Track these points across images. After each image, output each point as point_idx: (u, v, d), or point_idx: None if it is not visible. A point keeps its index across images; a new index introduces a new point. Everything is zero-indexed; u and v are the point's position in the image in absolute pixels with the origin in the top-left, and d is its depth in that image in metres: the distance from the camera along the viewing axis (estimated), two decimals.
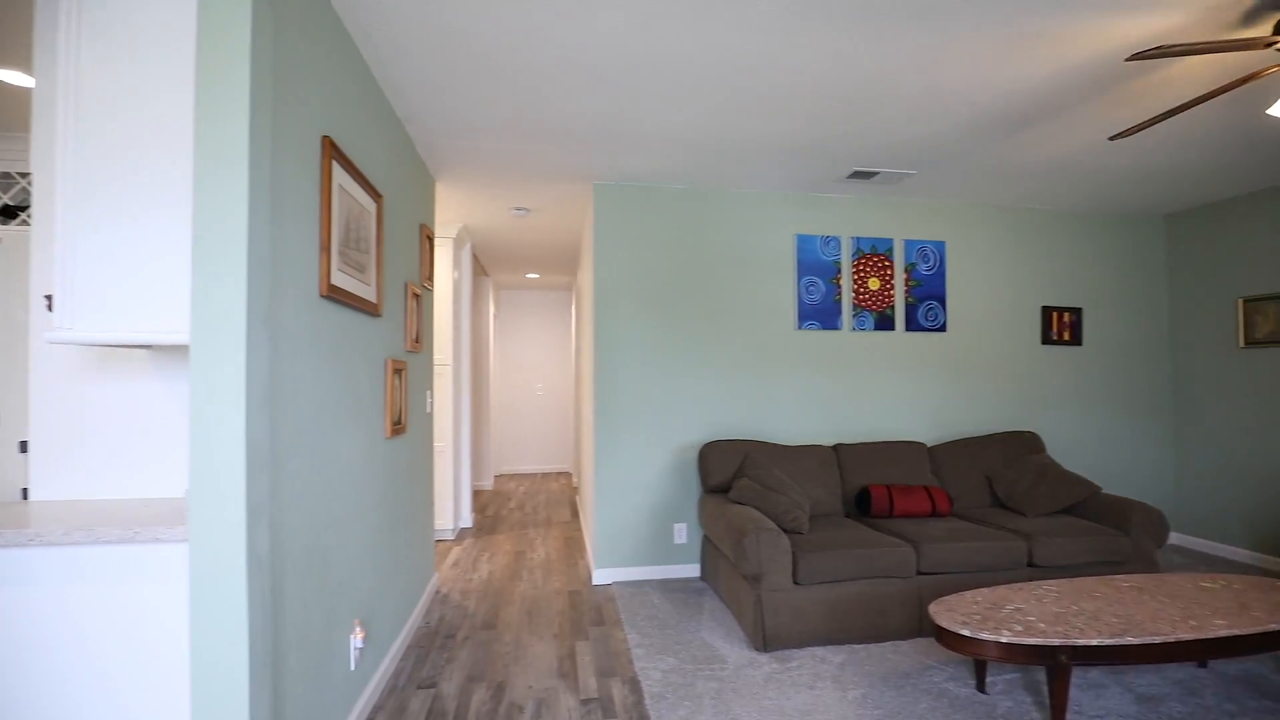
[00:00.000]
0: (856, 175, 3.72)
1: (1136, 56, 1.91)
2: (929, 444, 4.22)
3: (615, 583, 3.82)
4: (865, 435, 4.17)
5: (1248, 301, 4.12)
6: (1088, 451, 4.51)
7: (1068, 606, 2.34)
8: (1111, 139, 2.61)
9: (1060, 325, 4.47)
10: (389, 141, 2.71)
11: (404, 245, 2.98)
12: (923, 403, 4.25)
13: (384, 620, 2.58)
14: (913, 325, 4.22)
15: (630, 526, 3.89)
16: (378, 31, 2.18)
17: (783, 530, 3.03)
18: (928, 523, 3.36)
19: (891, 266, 4.19)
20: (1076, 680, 2.52)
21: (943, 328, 4.26)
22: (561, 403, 8.42)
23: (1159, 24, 2.14)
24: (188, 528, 1.41)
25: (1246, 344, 4.13)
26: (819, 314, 4.09)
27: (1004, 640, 2.10)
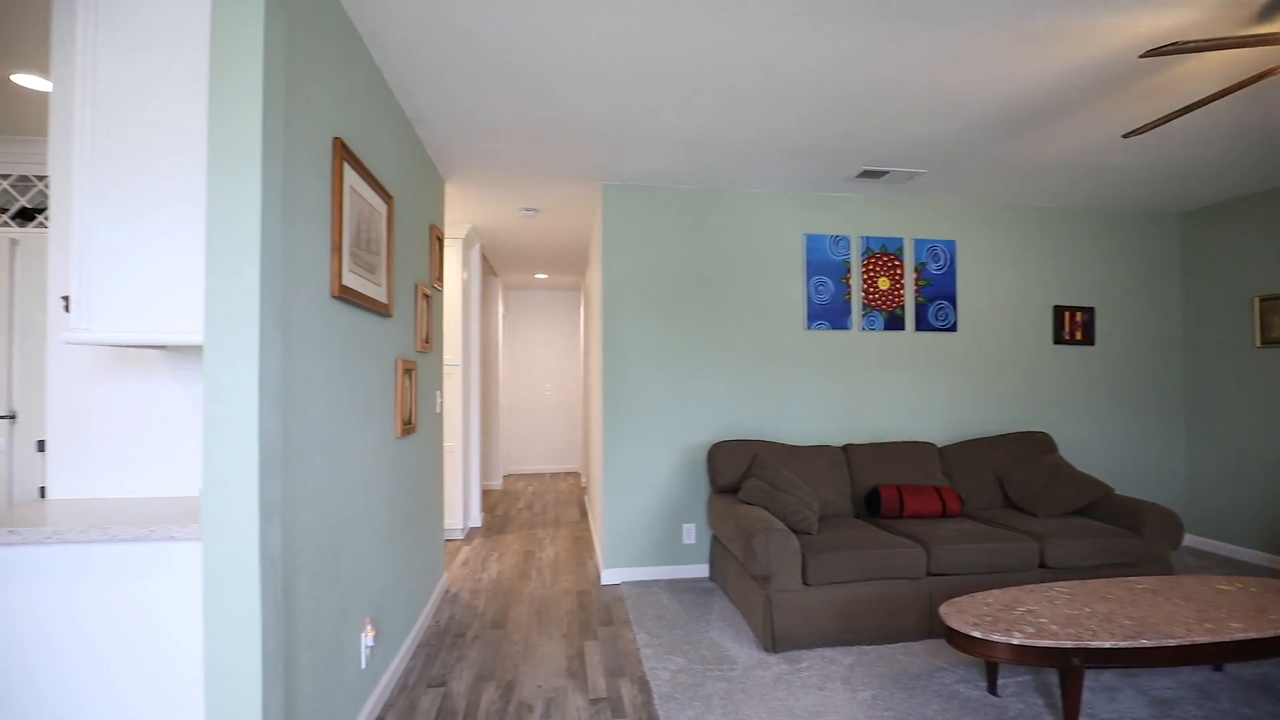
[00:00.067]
0: (866, 174, 3.70)
1: (1151, 53, 1.89)
2: (939, 444, 4.19)
3: (624, 583, 3.83)
4: (875, 435, 4.15)
5: (1264, 300, 4.07)
6: (1100, 452, 4.46)
7: (1080, 608, 2.32)
8: (1125, 136, 2.59)
9: (1072, 325, 4.44)
10: (399, 142, 2.73)
11: (414, 246, 3.00)
12: (933, 403, 4.22)
13: (394, 619, 2.59)
14: (923, 325, 4.19)
15: (639, 526, 3.89)
16: (387, 33, 2.19)
17: (792, 531, 3.03)
18: (938, 523, 3.34)
19: (901, 266, 4.17)
20: (1089, 683, 2.50)
21: (953, 327, 4.24)
22: (570, 403, 8.44)
23: (1173, 20, 2.12)
24: (201, 526, 1.42)
25: (1262, 344, 4.07)
26: (828, 314, 4.08)
27: (1015, 642, 2.09)
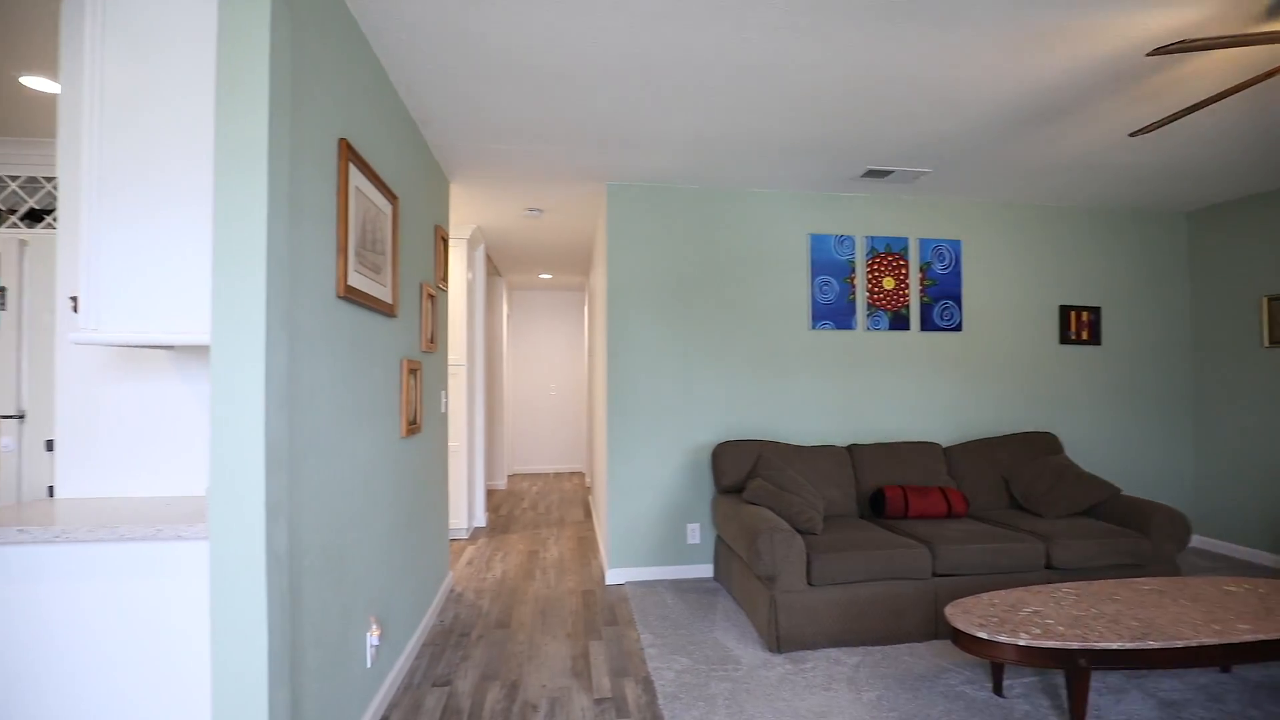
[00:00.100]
0: (871, 174, 3.69)
1: (1158, 51, 1.88)
2: (944, 444, 4.18)
3: (628, 582, 3.83)
4: (880, 435, 4.14)
5: (1272, 300, 4.04)
6: (1106, 453, 4.44)
7: (1087, 609, 2.31)
8: (1132, 135, 2.58)
9: (1078, 325, 4.42)
10: (404, 143, 2.73)
11: (419, 246, 3.01)
12: (938, 403, 4.21)
13: (400, 618, 2.60)
14: (928, 325, 4.18)
15: (643, 526, 3.89)
16: (393, 33, 2.20)
17: (797, 531, 3.02)
18: (943, 524, 3.33)
19: (906, 266, 4.16)
20: (1096, 684, 2.49)
21: (958, 327, 4.22)
22: (574, 403, 8.44)
23: (1181, 18, 2.11)
24: (208, 526, 1.43)
25: (1270, 343, 4.05)
26: (833, 314, 4.07)
27: (1022, 643, 2.08)
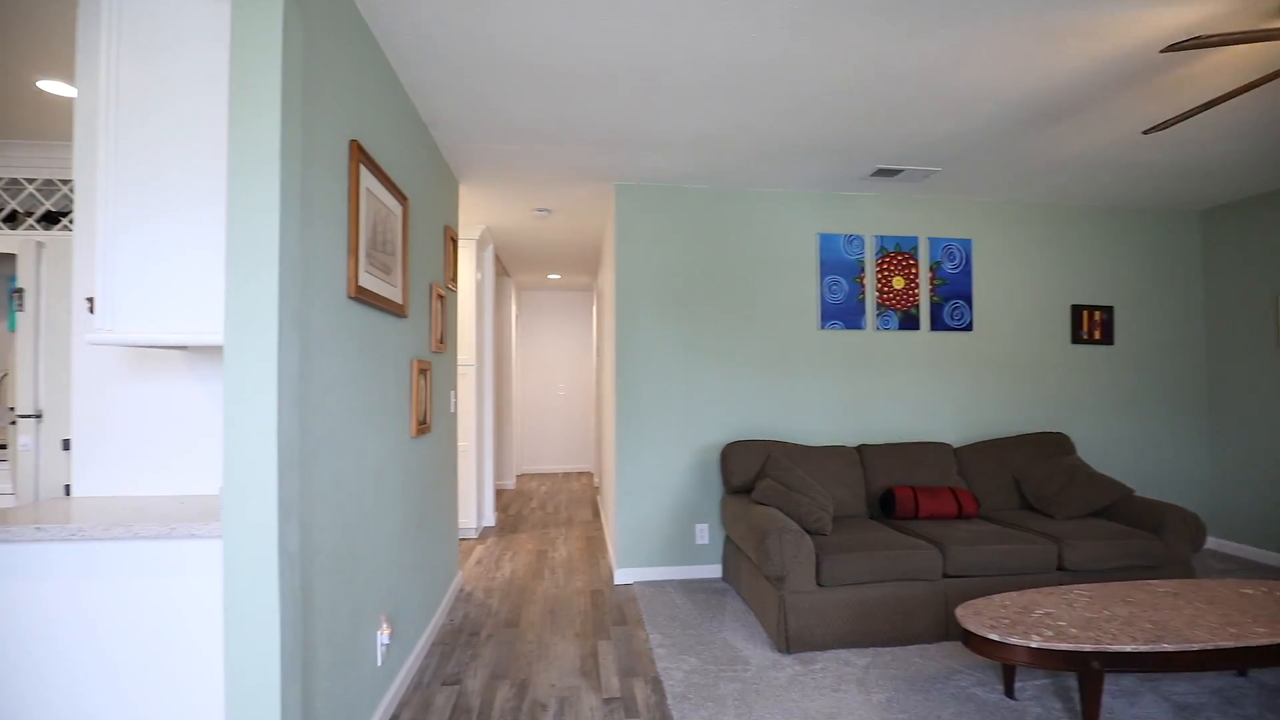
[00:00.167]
0: (880, 173, 3.68)
1: (1172, 48, 1.86)
2: (955, 445, 4.15)
3: (637, 582, 3.83)
4: (889, 436, 4.12)
5: None
6: (1119, 453, 4.40)
7: (1099, 611, 2.29)
8: (1145, 133, 2.55)
9: (1091, 324, 4.38)
10: (414, 144, 2.75)
11: (429, 247, 3.02)
12: (948, 403, 4.19)
13: (409, 617, 2.62)
14: (938, 325, 4.16)
15: (652, 526, 3.89)
16: (403, 35, 2.21)
17: (806, 531, 3.01)
18: (954, 525, 3.30)
19: (916, 265, 4.14)
20: (1109, 687, 2.47)
21: (969, 327, 4.19)
22: (583, 403, 8.46)
23: (1195, 14, 2.09)
24: (222, 524, 1.44)
25: None
26: (842, 313, 4.05)
27: (1034, 645, 2.06)
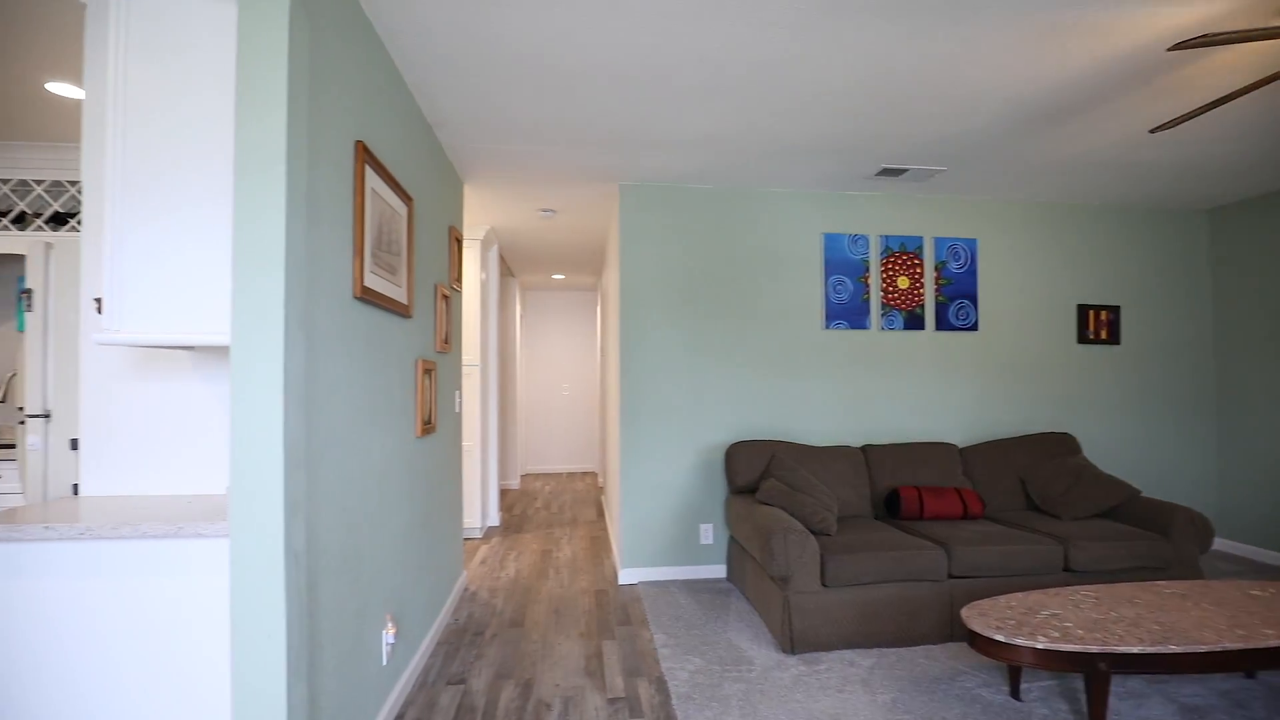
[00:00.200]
0: (885, 173, 3.67)
1: (1179, 46, 1.85)
2: (960, 445, 4.14)
3: (641, 583, 3.83)
4: (894, 436, 4.11)
5: None
6: (1126, 454, 4.38)
7: (1106, 613, 2.28)
8: (1152, 131, 2.54)
9: (1097, 324, 4.36)
10: (419, 145, 2.76)
11: (433, 247, 3.03)
12: (954, 403, 4.17)
13: (414, 617, 2.62)
14: (943, 324, 4.14)
15: (656, 527, 3.89)
16: (409, 36, 2.22)
17: (810, 532, 3.01)
18: (959, 525, 3.29)
19: (921, 265, 4.13)
20: (1116, 689, 2.45)
21: (974, 327, 4.18)
22: (587, 403, 8.46)
23: (1202, 11, 2.08)
24: (229, 524, 1.45)
25: None
26: (847, 313, 4.04)
27: (1040, 646, 2.05)
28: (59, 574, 1.44)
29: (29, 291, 3.05)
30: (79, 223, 3.20)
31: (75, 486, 2.25)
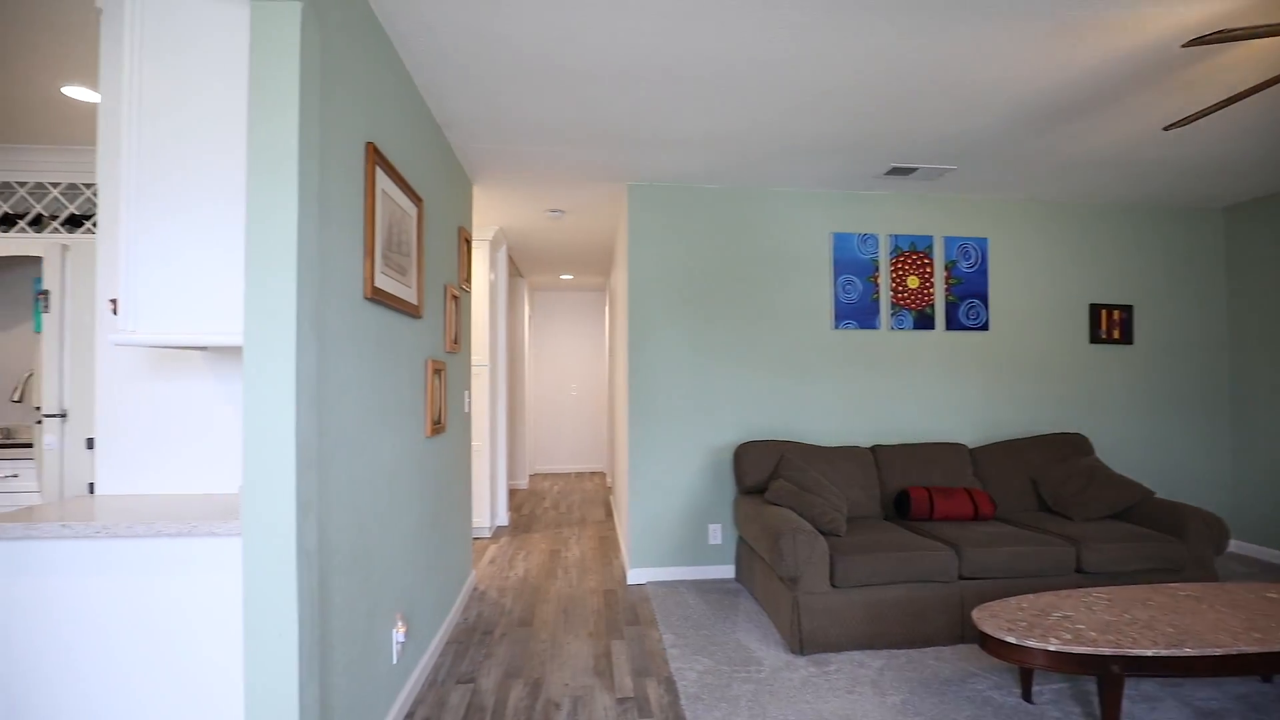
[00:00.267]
0: (895, 171, 3.65)
1: (1194, 42, 1.83)
2: (971, 445, 4.12)
3: (650, 582, 3.83)
4: (904, 436, 4.09)
5: None
6: (1139, 455, 4.33)
7: (1119, 615, 2.26)
8: (1166, 129, 2.51)
9: (1109, 323, 4.31)
10: (428, 146, 2.77)
11: (443, 248, 3.05)
12: (964, 403, 4.15)
13: (424, 616, 2.64)
14: (954, 324, 4.12)
15: (665, 527, 3.89)
16: (418, 38, 2.23)
17: (820, 532, 3.00)
18: (970, 526, 3.27)
19: (931, 264, 4.10)
20: (1129, 692, 2.43)
21: (985, 326, 4.15)
22: (595, 403, 8.47)
23: (1218, 7, 2.05)
24: (241, 523, 1.46)
25: None
26: (856, 313, 4.03)
27: (1052, 648, 2.04)
28: (77, 572, 1.46)
29: (46, 293, 3.09)
30: (94, 225, 3.24)
31: (91, 485, 2.27)
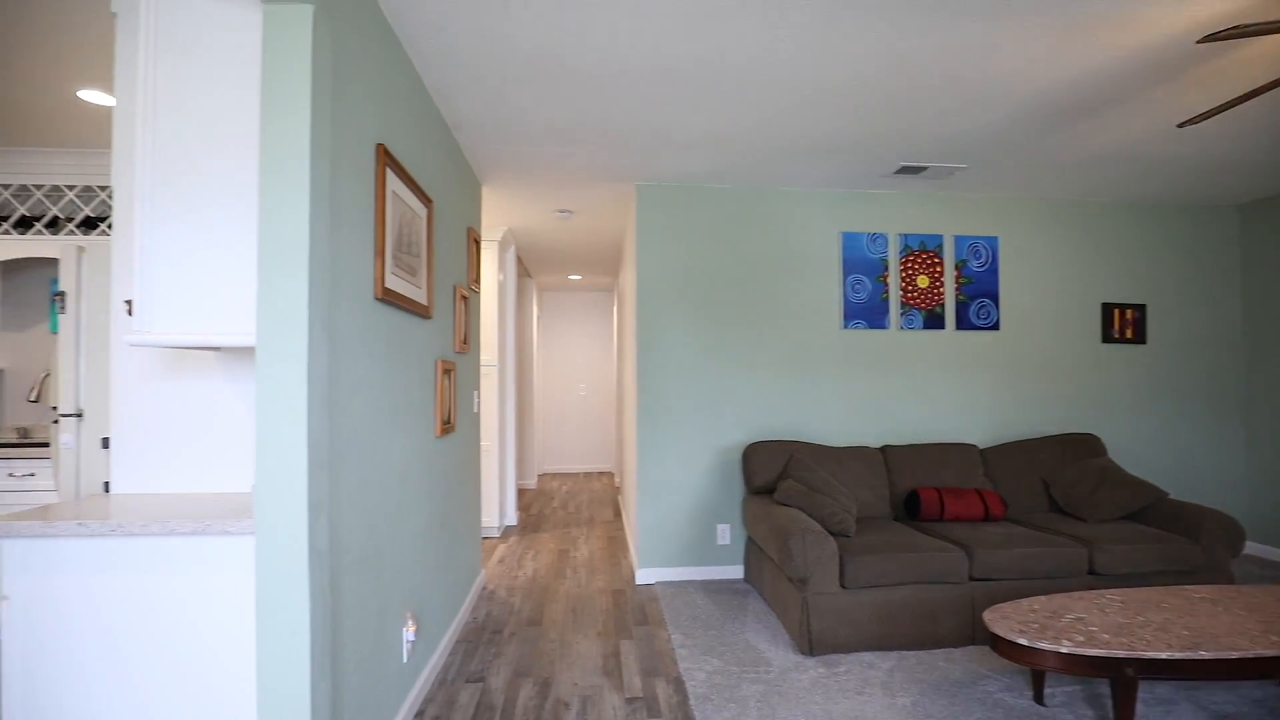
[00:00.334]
0: (904, 170, 3.63)
1: (1209, 38, 1.81)
2: (981, 446, 4.09)
3: (658, 582, 3.83)
4: (914, 437, 4.07)
5: None
6: (1153, 456, 4.29)
7: (1133, 617, 2.24)
8: (1180, 126, 2.49)
9: (1122, 323, 4.27)
10: (438, 147, 2.78)
11: (453, 248, 3.06)
12: (975, 403, 4.12)
13: (434, 615, 2.65)
14: (964, 324, 4.09)
15: (673, 527, 3.89)
16: (428, 40, 2.24)
17: (829, 533, 2.99)
18: (980, 527, 3.25)
19: (941, 263, 4.08)
20: (1143, 695, 2.41)
21: (996, 326, 4.12)
22: (603, 403, 8.48)
23: (1232, 4, 2.03)
24: (254, 522, 1.48)
25: None
26: (865, 313, 4.01)
27: (1064, 650, 2.02)
28: (93, 569, 1.48)
29: (62, 294, 3.13)
30: (109, 227, 3.28)
31: (106, 484, 2.30)
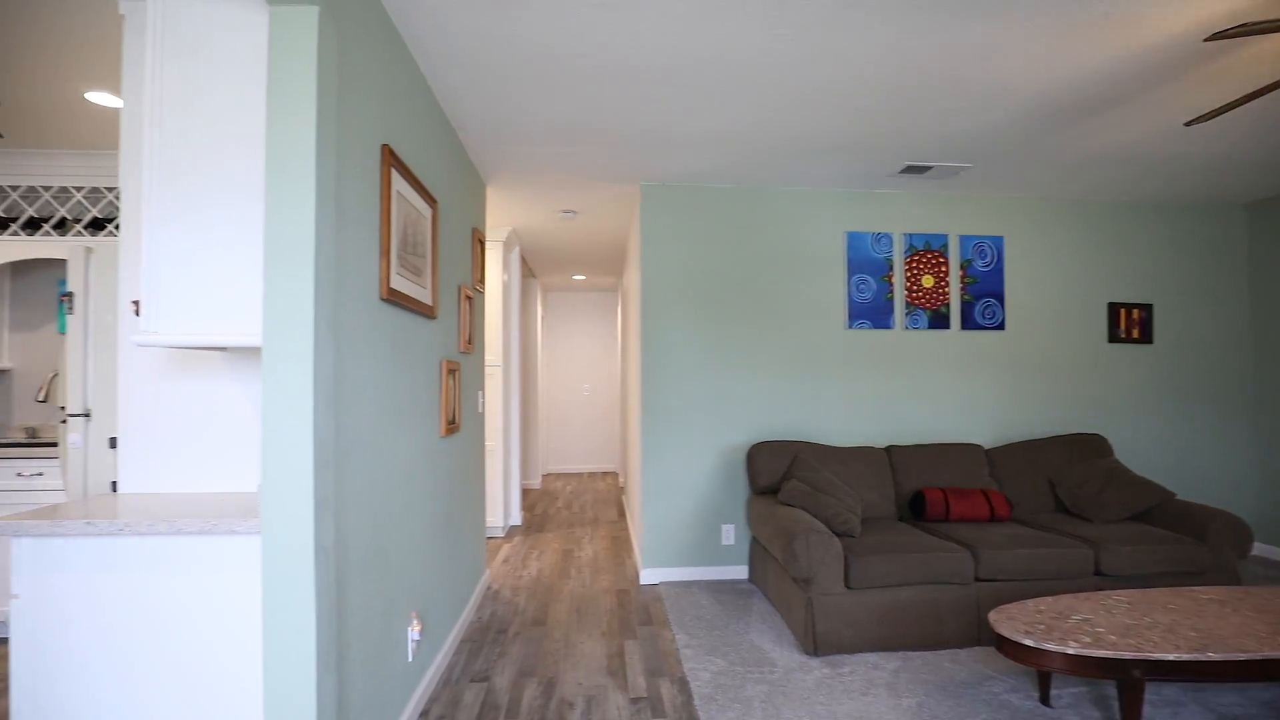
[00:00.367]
0: (909, 170, 3.62)
1: (1217, 36, 1.80)
2: (987, 446, 4.07)
3: (663, 583, 3.83)
4: (919, 437, 4.06)
5: None
6: (1160, 456, 4.26)
7: (1140, 618, 2.22)
8: (1187, 124, 2.47)
9: (1129, 322, 4.25)
10: (443, 148, 2.79)
11: (457, 249, 3.06)
12: (980, 404, 4.10)
13: (439, 614, 2.65)
14: (969, 324, 4.08)
15: (677, 527, 3.89)
16: (433, 41, 2.25)
17: (834, 533, 2.98)
18: (986, 527, 3.24)
19: (946, 263, 4.07)
20: (1150, 697, 2.39)
21: (1001, 326, 4.11)
22: (608, 403, 8.49)
23: (1240, 2, 2.02)
24: (260, 521, 1.48)
25: None
26: (870, 313, 4.00)
27: (1071, 652, 2.01)
28: (101, 568, 1.49)
29: (70, 295, 3.15)
30: (117, 228, 3.30)
31: (114, 484, 2.31)
